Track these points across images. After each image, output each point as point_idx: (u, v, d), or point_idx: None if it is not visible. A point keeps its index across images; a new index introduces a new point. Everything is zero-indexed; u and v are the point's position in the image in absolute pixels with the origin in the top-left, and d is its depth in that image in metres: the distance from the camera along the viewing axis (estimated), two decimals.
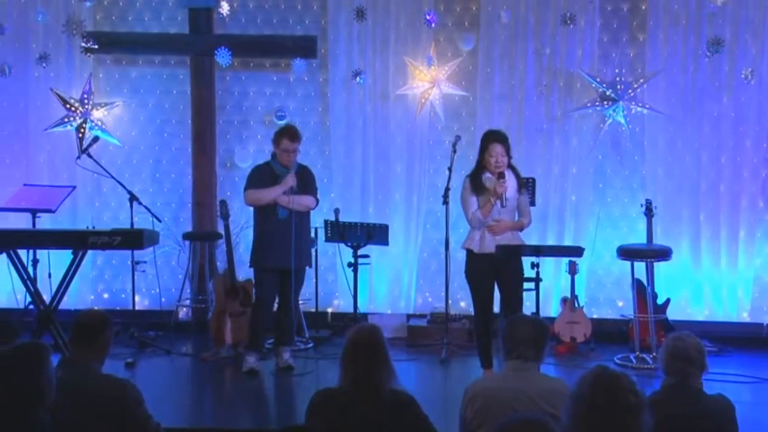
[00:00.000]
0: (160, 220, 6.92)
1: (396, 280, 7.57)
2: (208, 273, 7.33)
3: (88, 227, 6.81)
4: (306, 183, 6.02)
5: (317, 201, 6.09)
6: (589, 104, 7.28)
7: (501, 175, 5.45)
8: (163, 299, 7.39)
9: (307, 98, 7.66)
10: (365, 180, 7.55)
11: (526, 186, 5.70)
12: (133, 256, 6.98)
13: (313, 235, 6.83)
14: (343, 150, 7.56)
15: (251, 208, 6.21)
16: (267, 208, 5.91)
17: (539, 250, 6.14)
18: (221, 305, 6.62)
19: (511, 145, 5.69)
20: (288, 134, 5.91)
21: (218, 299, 6.65)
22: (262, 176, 5.97)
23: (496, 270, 5.48)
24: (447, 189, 6.27)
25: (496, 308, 5.69)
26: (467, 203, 5.56)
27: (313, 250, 6.75)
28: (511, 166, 5.58)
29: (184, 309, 7.51)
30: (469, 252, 5.57)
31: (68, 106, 7.37)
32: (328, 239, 6.85)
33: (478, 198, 5.53)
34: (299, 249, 5.92)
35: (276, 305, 6.17)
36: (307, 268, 6.20)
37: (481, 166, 5.56)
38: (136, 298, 7.16)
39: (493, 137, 5.52)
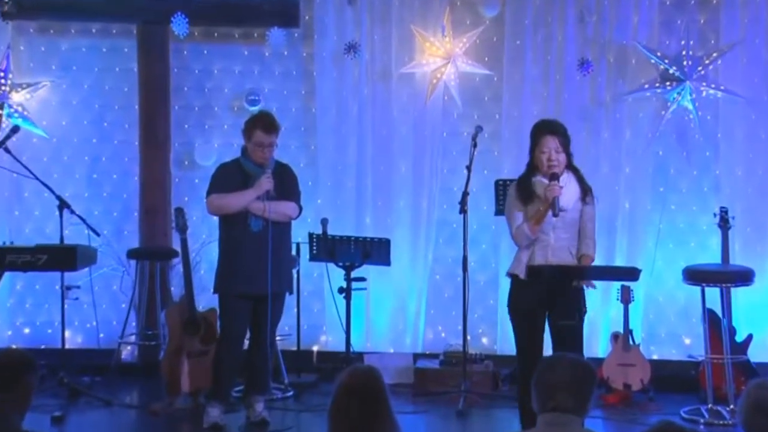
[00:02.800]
0: (98, 234, 6.90)
1: (400, 310, 7.58)
2: (160, 301, 7.30)
3: (4, 243, 6.79)
4: (286, 186, 6.01)
5: (300, 209, 6.08)
6: (647, 86, 7.30)
7: (554, 177, 5.36)
8: (101, 335, 7.36)
9: (287, 78, 7.68)
10: (361, 182, 7.57)
11: (591, 192, 5.54)
12: (63, 280, 6.94)
13: (294, 252, 6.82)
14: (333, 144, 7.58)
15: (215, 218, 6.19)
16: (236, 218, 5.90)
17: (583, 272, 6.11)
18: (176, 342, 6.61)
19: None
20: (262, 124, 5.90)
21: (173, 335, 6.65)
22: (229, 177, 5.96)
23: (550, 301, 5.41)
24: (465, 193, 6.27)
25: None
26: (512, 216, 5.48)
27: (294, 272, 6.73)
28: (572, 167, 5.51)
29: (129, 347, 7.50)
30: (515, 279, 5.50)
31: None
32: (313, 258, 6.83)
33: (527, 208, 5.44)
34: (277, 270, 5.90)
35: (247, 342, 6.15)
36: (287, 294, 6.18)
37: (532, 167, 5.49)
38: (67, 334, 7.12)
39: (544, 128, 5.45)
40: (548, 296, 5.35)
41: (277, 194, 5.90)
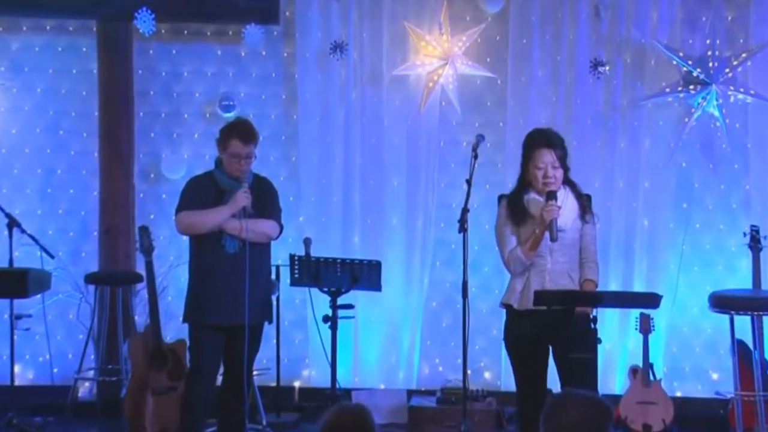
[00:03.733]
0: (52, 256, 6.87)
1: (392, 342, 7.58)
2: (122, 332, 7.26)
3: None
4: (264, 202, 5.98)
5: (281, 227, 6.05)
6: (668, 89, 7.33)
7: (551, 195, 5.33)
8: (55, 370, 7.24)
9: (266, 81, 7.70)
10: (348, 197, 7.58)
11: (591, 210, 5.53)
12: (12, 308, 6.89)
13: (273, 276, 6.81)
14: (317, 155, 7.59)
15: (185, 238, 6.16)
16: (209, 237, 5.86)
17: (597, 299, 6.09)
18: (140, 378, 6.58)
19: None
20: (239, 133, 5.87)
21: (136, 369, 6.61)
22: (201, 192, 5.92)
23: (553, 332, 5.34)
24: (465, 210, 6.24)
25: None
26: (503, 237, 5.44)
27: (273, 299, 6.70)
28: (569, 182, 5.49)
29: (87, 384, 7.46)
30: (510, 309, 5.47)
31: None
32: (295, 282, 6.80)
33: (520, 230, 5.44)
34: (255, 297, 5.86)
35: (220, 378, 6.11)
36: (265, 324, 6.15)
37: (524, 183, 5.46)
38: (17, 369, 7.10)
39: (539, 141, 5.39)
40: (551, 326, 5.28)
41: (255, 211, 5.87)
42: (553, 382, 5.49)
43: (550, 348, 5.40)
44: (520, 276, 5.40)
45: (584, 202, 5.47)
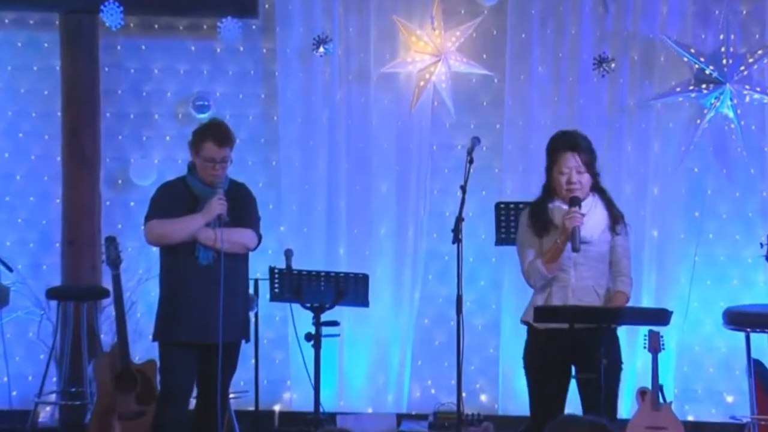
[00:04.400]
0: (10, 269, 6.87)
1: (381, 362, 7.58)
2: (87, 351, 7.22)
3: None
4: (242, 210, 5.96)
5: (259, 238, 6.04)
6: (678, 89, 7.33)
7: (574, 201, 5.33)
8: (14, 393, 7.31)
9: (244, 79, 7.70)
10: (333, 205, 7.58)
11: (623, 220, 5.49)
12: None
13: (252, 291, 6.80)
14: (299, 159, 7.59)
15: (156, 250, 6.15)
16: (181, 248, 5.85)
17: (601, 315, 6.08)
18: (107, 402, 6.57)
19: None
20: (214, 135, 5.85)
21: (102, 392, 6.60)
22: (173, 199, 5.91)
23: (573, 354, 5.33)
24: (459, 219, 6.22)
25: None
26: (524, 248, 5.42)
27: (252, 315, 6.68)
28: (599, 189, 5.47)
29: (48, 408, 7.42)
30: (530, 327, 5.45)
31: None
32: (275, 297, 6.76)
33: (543, 241, 5.39)
34: (231, 313, 5.84)
35: (193, 401, 6.09)
36: (242, 342, 6.13)
37: (549, 191, 5.44)
38: None
39: (563, 143, 5.37)
40: (572, 346, 5.27)
41: (231, 220, 5.85)
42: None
43: (573, 370, 5.37)
44: (542, 291, 5.37)
45: (615, 212, 5.43)
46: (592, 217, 5.33)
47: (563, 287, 5.33)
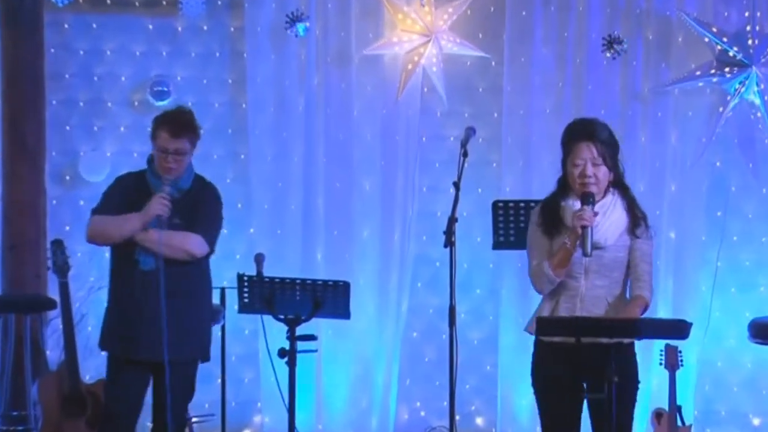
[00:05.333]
0: None
1: (363, 380, 7.59)
2: (30, 370, 7.20)
3: None
4: (195, 210, 5.94)
5: (210, 245, 5.98)
6: (699, 72, 7.38)
7: (587, 198, 5.27)
8: None
9: (208, 62, 7.72)
10: (310, 204, 7.61)
11: (646, 222, 5.43)
12: None
13: (218, 301, 6.77)
14: (271, 152, 7.61)
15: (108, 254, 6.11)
16: (123, 251, 5.84)
17: (610, 327, 6.06)
18: (53, 427, 6.59)
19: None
20: (168, 124, 5.85)
21: (48, 416, 6.63)
22: (124, 193, 5.90)
23: (583, 371, 5.30)
24: (452, 219, 6.21)
25: None
26: (532, 250, 5.41)
27: (217, 328, 6.64)
28: (620, 186, 5.41)
29: None
30: (537, 340, 5.42)
31: None
32: (244, 308, 6.73)
33: (553, 242, 5.35)
34: (178, 326, 5.80)
35: (150, 426, 6.05)
36: (199, 361, 6.09)
37: (564, 187, 5.40)
38: None
39: (578, 132, 5.30)
40: (582, 361, 5.24)
41: (183, 222, 5.85)
42: None
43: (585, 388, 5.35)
44: (549, 299, 5.35)
45: (637, 212, 5.39)
46: (609, 219, 5.29)
47: (572, 296, 5.31)
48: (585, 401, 5.33)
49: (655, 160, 7.46)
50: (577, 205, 5.22)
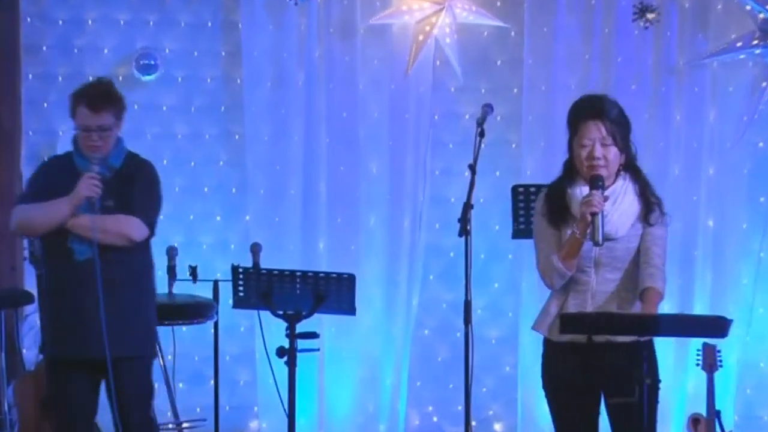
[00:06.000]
0: None
1: (370, 383, 7.62)
2: (5, 370, 7.21)
3: None
4: (129, 190, 5.91)
5: (150, 227, 5.96)
6: (739, 44, 7.37)
7: (596, 181, 5.25)
8: None
9: (200, 33, 7.74)
10: (311, 189, 7.62)
11: (660, 208, 5.39)
12: None
13: (209, 295, 6.87)
14: (269, 131, 7.63)
15: None
16: (54, 241, 5.85)
17: (640, 324, 6.03)
18: (30, 429, 6.68)
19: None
20: (85, 98, 5.85)
21: (25, 419, 6.72)
22: (52, 178, 5.91)
23: (599, 373, 5.31)
24: (468, 206, 6.19)
25: None
26: (539, 242, 5.41)
27: (210, 325, 6.61)
28: (632, 169, 5.38)
29: None
30: (546, 341, 5.43)
31: None
32: (239, 304, 6.75)
33: (561, 232, 5.35)
34: (117, 321, 5.78)
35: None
36: (150, 359, 6.07)
37: (571, 170, 5.38)
38: None
39: (585, 110, 5.29)
40: (598, 363, 5.26)
41: (117, 205, 5.82)
42: None
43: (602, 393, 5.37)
44: (558, 295, 5.35)
45: (650, 197, 5.36)
46: (620, 207, 5.29)
47: (582, 292, 5.31)
48: (602, 406, 5.34)
49: (691, 141, 7.44)
50: (585, 191, 5.20)
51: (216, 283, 6.95)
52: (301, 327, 6.43)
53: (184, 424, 6.92)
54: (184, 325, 7.09)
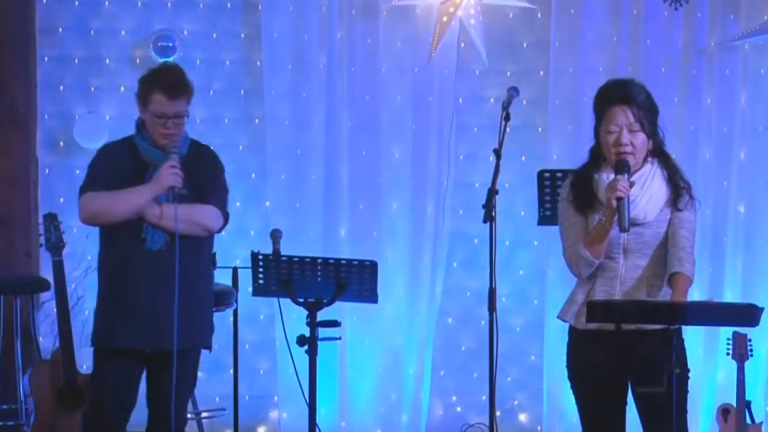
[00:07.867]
0: None
1: (392, 372, 7.64)
2: (21, 359, 7.23)
3: None
4: (203, 180, 5.92)
5: (225, 217, 6.00)
6: None
7: (622, 168, 5.27)
8: None
9: (219, 14, 7.76)
10: (332, 175, 7.64)
11: (689, 193, 5.40)
12: None
13: (229, 282, 6.78)
14: (289, 116, 7.65)
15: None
16: (125, 230, 5.81)
17: (669, 312, 6.04)
18: (46, 421, 6.67)
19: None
20: (163, 84, 5.83)
21: (41, 409, 6.70)
22: (116, 166, 5.86)
23: (627, 362, 5.32)
24: (493, 191, 6.20)
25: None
26: (565, 229, 5.42)
27: (229, 313, 6.63)
28: (660, 154, 5.38)
29: None
30: (572, 329, 5.41)
31: None
32: (259, 291, 6.77)
33: (588, 219, 5.37)
34: (188, 312, 5.82)
35: (148, 423, 5.98)
36: (202, 350, 6.09)
37: (597, 157, 5.39)
38: None
39: (612, 95, 5.30)
40: (626, 352, 5.27)
41: (189, 193, 5.84)
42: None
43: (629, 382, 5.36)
44: (585, 283, 5.36)
45: (679, 182, 5.36)
46: (648, 192, 5.29)
47: (610, 279, 5.31)
48: (629, 396, 5.34)
49: (722, 125, 7.45)
50: (612, 177, 5.21)
51: (235, 270, 6.98)
52: (322, 315, 6.44)
53: (203, 414, 6.94)
54: None
